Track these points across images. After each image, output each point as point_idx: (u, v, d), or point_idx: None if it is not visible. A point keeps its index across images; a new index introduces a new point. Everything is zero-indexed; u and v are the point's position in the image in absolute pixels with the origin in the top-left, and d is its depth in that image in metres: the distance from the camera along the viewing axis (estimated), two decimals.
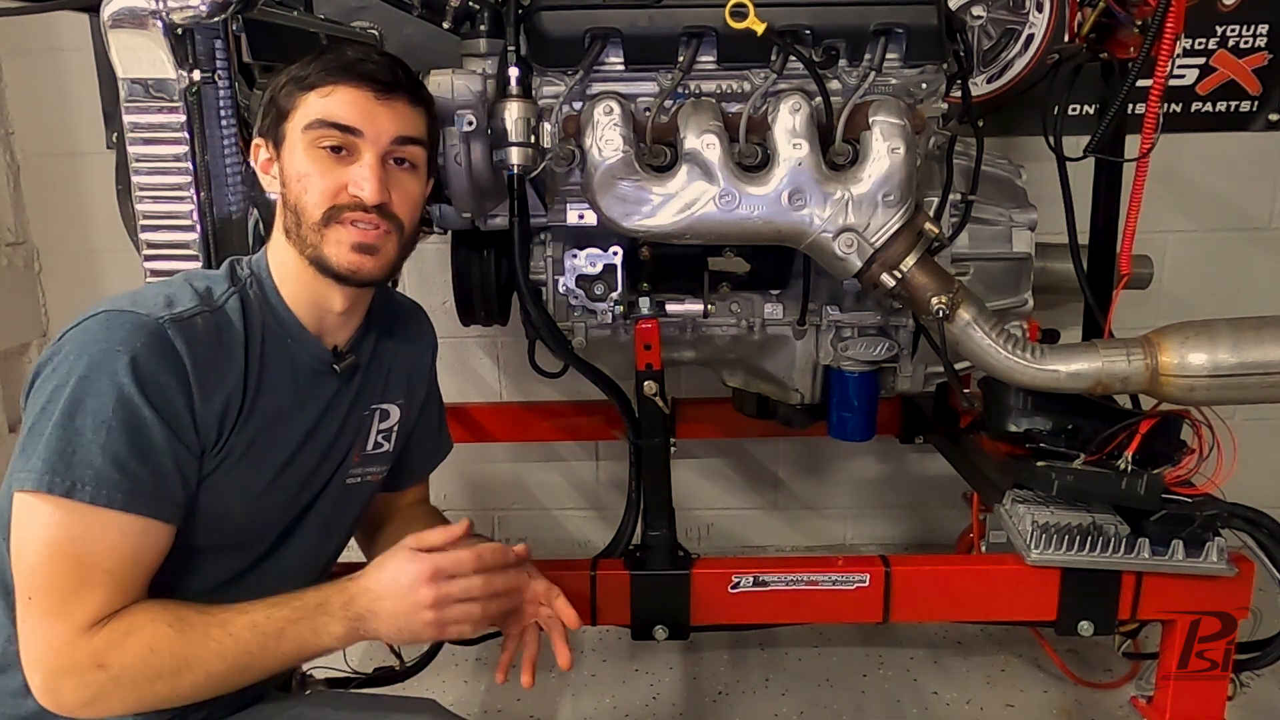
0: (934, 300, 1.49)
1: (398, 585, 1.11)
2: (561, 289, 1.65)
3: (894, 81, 1.53)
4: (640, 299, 1.67)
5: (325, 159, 1.15)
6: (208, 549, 1.15)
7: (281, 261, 1.20)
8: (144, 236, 1.38)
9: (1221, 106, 2.44)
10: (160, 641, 1.05)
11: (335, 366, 1.24)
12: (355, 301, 1.23)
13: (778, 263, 1.74)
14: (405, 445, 1.42)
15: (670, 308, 1.68)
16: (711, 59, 1.52)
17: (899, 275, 1.50)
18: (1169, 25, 1.56)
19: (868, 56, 1.51)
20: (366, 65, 1.16)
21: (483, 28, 1.55)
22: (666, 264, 1.71)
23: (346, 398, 1.28)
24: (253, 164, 1.22)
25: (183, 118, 1.31)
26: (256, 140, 1.21)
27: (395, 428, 1.37)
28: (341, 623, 1.11)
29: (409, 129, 1.18)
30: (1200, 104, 2.43)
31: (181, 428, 1.07)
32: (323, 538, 1.31)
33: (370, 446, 1.33)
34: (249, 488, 1.16)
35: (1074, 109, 2.31)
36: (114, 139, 1.43)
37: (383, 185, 1.15)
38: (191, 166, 1.33)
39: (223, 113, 1.37)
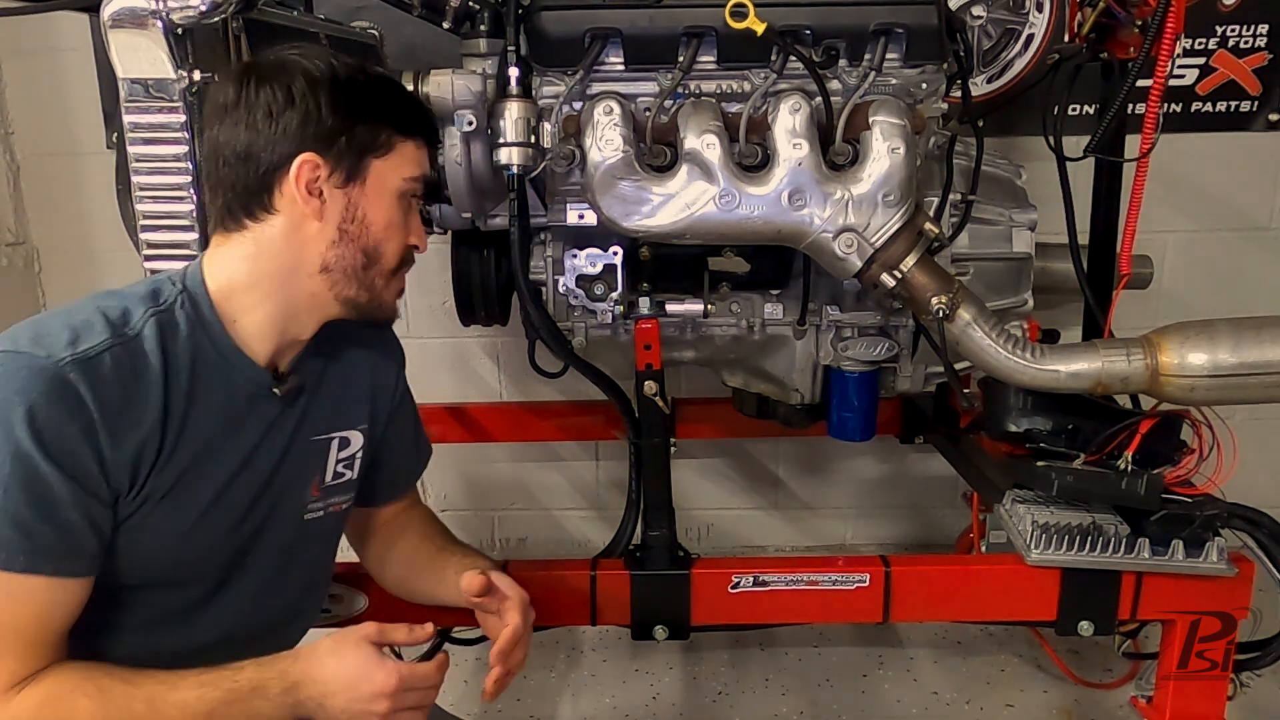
0: (934, 300, 1.49)
1: (356, 690, 1.06)
2: (561, 289, 1.65)
3: (894, 81, 1.53)
4: (640, 299, 1.67)
5: (408, 210, 1.16)
6: (136, 586, 1.10)
7: (262, 286, 1.11)
8: (144, 236, 1.37)
9: (1221, 106, 2.43)
10: (80, 715, 1.00)
11: (275, 390, 1.15)
12: None
13: (778, 263, 1.74)
14: (375, 462, 1.36)
15: (670, 308, 1.68)
16: (711, 59, 1.52)
17: (899, 275, 1.50)
18: (1169, 25, 1.56)
19: (868, 56, 1.51)
20: (429, 117, 1.21)
21: (483, 28, 1.55)
22: (666, 264, 1.70)
23: (289, 422, 1.19)
24: (291, 182, 1.08)
25: (183, 118, 1.30)
26: (309, 156, 1.08)
27: (358, 454, 1.30)
28: (278, 708, 1.06)
29: None
30: (1200, 104, 2.43)
31: (87, 479, 1.00)
32: (281, 572, 1.24)
33: (330, 478, 1.26)
34: (174, 527, 1.09)
35: (1074, 109, 2.31)
36: (114, 139, 1.43)
37: None
38: (191, 166, 1.32)
39: None
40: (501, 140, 1.48)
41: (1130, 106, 1.79)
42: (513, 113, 1.48)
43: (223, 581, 1.17)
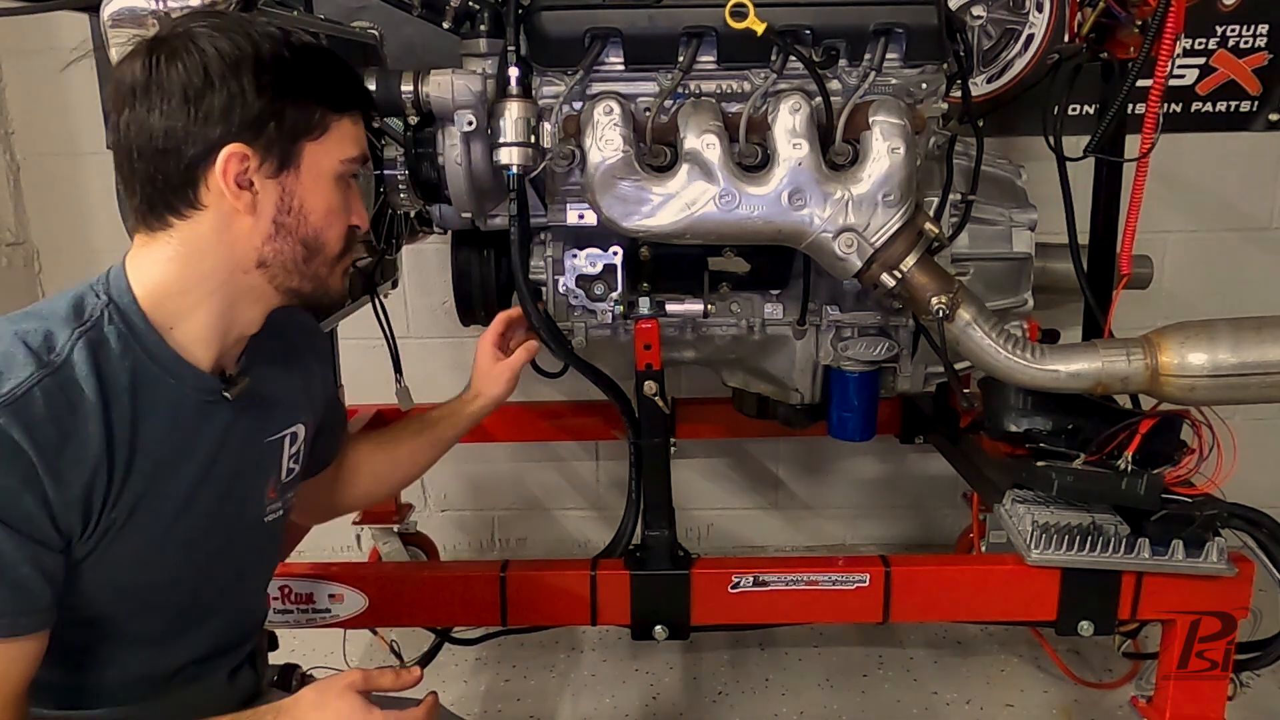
0: (934, 300, 1.49)
1: None
2: (561, 289, 1.65)
3: (894, 81, 1.53)
4: (640, 299, 1.66)
5: (346, 191, 1.07)
6: (112, 616, 1.06)
7: (190, 288, 1.02)
8: None
9: (1221, 106, 2.44)
10: None
11: (226, 394, 1.08)
12: None
13: (778, 263, 1.74)
14: (315, 439, 1.32)
15: (670, 308, 1.68)
16: (711, 59, 1.52)
17: (899, 275, 1.50)
18: (1169, 25, 1.56)
19: (868, 56, 1.51)
20: (364, 88, 1.09)
21: (483, 28, 1.55)
22: (666, 264, 1.70)
23: (243, 425, 1.12)
24: (217, 176, 0.98)
25: None
26: (236, 147, 0.98)
27: (303, 445, 1.25)
28: None
29: None
30: (1200, 104, 2.44)
31: (35, 529, 0.93)
32: (252, 578, 1.23)
33: (285, 475, 1.22)
34: (139, 553, 1.03)
35: (1074, 109, 2.31)
36: None
37: None
38: None
39: None
40: (501, 140, 1.48)
41: (1130, 106, 1.79)
42: (513, 113, 1.47)
43: (200, 601, 1.13)
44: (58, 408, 0.93)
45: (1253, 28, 2.38)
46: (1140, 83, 1.61)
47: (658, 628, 1.63)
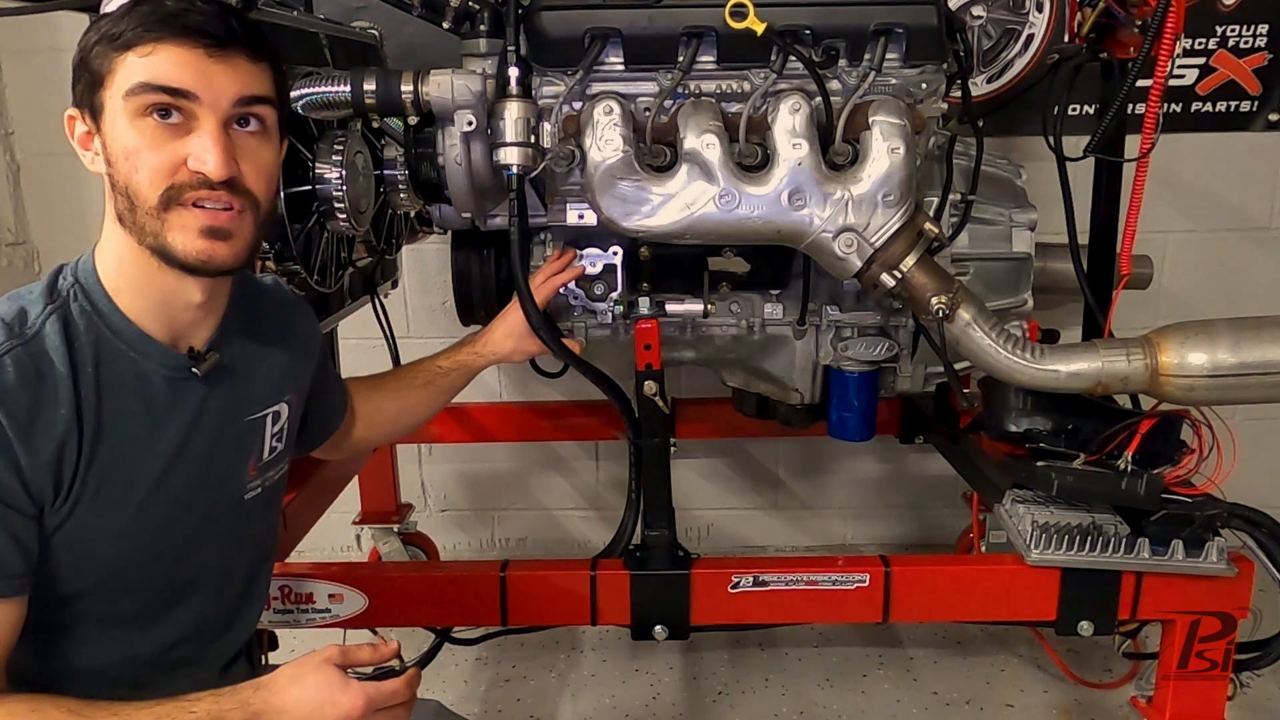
0: (934, 300, 1.49)
1: (322, 717, 0.99)
2: (562, 289, 1.65)
3: (894, 81, 1.53)
4: (640, 299, 1.67)
5: (155, 130, 0.99)
6: (83, 594, 1.07)
7: (117, 256, 1.05)
8: None
9: (1221, 106, 2.44)
10: None
11: (194, 370, 1.09)
12: (214, 292, 1.09)
13: (778, 263, 1.74)
14: (307, 413, 1.35)
15: (670, 308, 1.68)
16: (711, 59, 1.52)
17: (899, 275, 1.50)
18: (1169, 25, 1.56)
19: (868, 56, 1.51)
20: (193, 17, 0.99)
21: (483, 28, 1.55)
22: (666, 264, 1.71)
23: (219, 404, 1.13)
24: (70, 140, 1.04)
25: None
26: (71, 111, 1.03)
27: (285, 425, 1.26)
28: None
29: (253, 87, 1.03)
30: (1200, 104, 2.44)
31: (7, 493, 0.96)
32: (232, 557, 1.21)
33: (266, 454, 1.22)
34: (112, 527, 1.05)
35: (1074, 109, 2.31)
36: None
37: (229, 156, 1.00)
38: None
39: None
40: (501, 140, 1.48)
41: (1130, 106, 1.79)
42: (513, 113, 1.47)
43: (178, 579, 1.14)
44: (28, 375, 0.97)
45: (1253, 28, 2.38)
46: (1140, 83, 1.61)
47: (658, 628, 1.63)
